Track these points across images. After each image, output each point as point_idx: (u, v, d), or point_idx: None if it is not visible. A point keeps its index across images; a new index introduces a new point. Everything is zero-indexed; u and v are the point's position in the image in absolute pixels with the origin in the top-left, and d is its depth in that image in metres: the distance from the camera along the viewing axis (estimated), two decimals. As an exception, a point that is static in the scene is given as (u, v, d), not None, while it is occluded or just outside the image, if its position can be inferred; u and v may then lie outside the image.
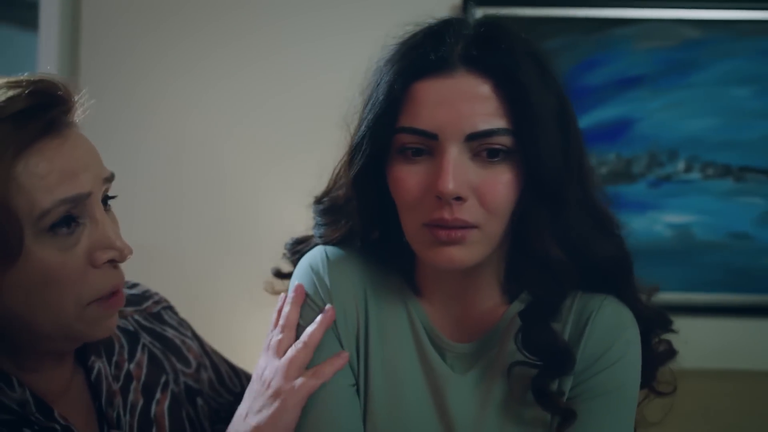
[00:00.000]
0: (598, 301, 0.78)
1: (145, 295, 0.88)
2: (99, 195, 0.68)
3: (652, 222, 1.75)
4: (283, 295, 0.82)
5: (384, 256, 0.80)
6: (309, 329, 0.77)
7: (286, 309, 0.80)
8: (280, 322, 0.80)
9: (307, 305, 0.79)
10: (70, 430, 0.70)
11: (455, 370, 0.78)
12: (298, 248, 0.85)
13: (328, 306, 0.78)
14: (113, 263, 0.69)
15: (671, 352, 0.86)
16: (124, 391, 0.77)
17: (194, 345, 0.88)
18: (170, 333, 0.86)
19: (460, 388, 0.77)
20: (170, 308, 0.90)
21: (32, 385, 0.70)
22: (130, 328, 0.83)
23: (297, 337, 0.77)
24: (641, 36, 1.74)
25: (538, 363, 0.73)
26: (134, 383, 0.79)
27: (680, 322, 0.86)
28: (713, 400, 1.60)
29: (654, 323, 0.83)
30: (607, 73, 1.76)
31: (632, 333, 0.78)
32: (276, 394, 0.74)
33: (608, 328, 0.77)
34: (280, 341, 0.78)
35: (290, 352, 0.76)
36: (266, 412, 0.74)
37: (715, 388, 1.61)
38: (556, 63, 0.78)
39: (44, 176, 0.63)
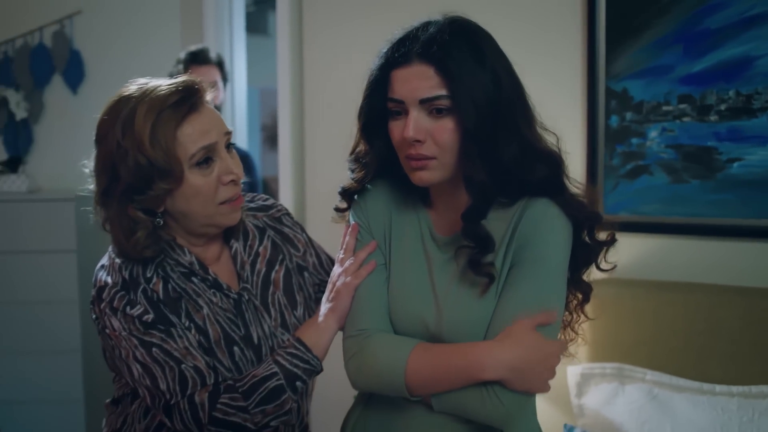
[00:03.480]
0: (533, 201, 1.12)
1: (272, 206, 1.42)
2: (222, 143, 1.22)
3: (772, 154, 1.84)
4: (346, 224, 1.28)
5: (407, 184, 1.22)
6: (359, 253, 1.21)
7: (347, 238, 1.25)
8: (343, 246, 1.25)
9: (360, 231, 1.24)
10: (218, 281, 1.26)
11: (441, 252, 1.19)
12: (345, 191, 1.28)
13: (372, 241, 1.21)
14: (233, 182, 1.22)
15: (612, 240, 1.18)
16: (253, 262, 1.32)
17: (303, 237, 1.41)
18: (286, 230, 1.40)
19: (442, 264, 1.17)
20: (288, 214, 1.42)
21: (197, 253, 1.26)
22: (260, 225, 1.37)
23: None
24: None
25: (471, 245, 1.12)
26: (260, 258, 1.33)
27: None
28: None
29: (584, 218, 1.14)
30: (728, 15, 1.87)
31: (556, 222, 1.11)
32: (337, 290, 1.22)
33: (536, 218, 1.11)
34: (342, 259, 1.24)
35: (346, 264, 1.22)
36: (332, 304, 1.22)
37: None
38: (496, 44, 1.14)
39: (191, 135, 1.18)
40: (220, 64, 2.91)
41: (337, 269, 1.24)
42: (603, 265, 1.19)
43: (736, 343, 1.74)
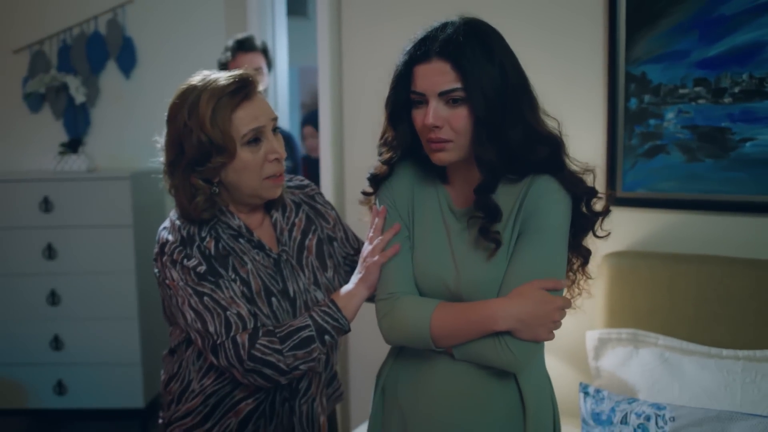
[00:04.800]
0: (537, 178, 1.28)
1: (307, 185, 1.63)
2: (269, 127, 1.42)
3: (781, 134, 1.95)
4: (373, 206, 1.44)
5: (428, 164, 1.39)
6: (386, 234, 1.38)
7: (376, 220, 1.41)
8: (373, 226, 1.42)
9: (388, 212, 1.40)
10: (261, 242, 1.47)
11: (458, 222, 1.35)
12: (374, 177, 1.44)
13: (396, 224, 1.37)
14: (276, 160, 1.42)
15: (607, 211, 1.33)
16: (290, 230, 1.53)
17: (333, 214, 1.61)
18: (318, 206, 1.60)
19: (459, 232, 1.34)
20: (320, 194, 1.63)
21: (243, 219, 1.48)
22: (297, 200, 1.58)
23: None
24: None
25: (482, 215, 1.28)
26: (296, 227, 1.54)
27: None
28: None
29: (581, 192, 1.30)
30: (742, 2, 1.96)
31: (556, 195, 1.27)
32: (367, 266, 1.40)
33: (539, 193, 1.27)
34: (371, 238, 1.41)
35: (375, 242, 1.39)
36: (362, 275, 1.41)
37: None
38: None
39: (243, 119, 1.39)
40: (264, 51, 3.07)
41: (367, 247, 1.42)
42: (599, 233, 1.35)
43: (744, 311, 1.87)
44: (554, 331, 1.25)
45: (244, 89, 1.40)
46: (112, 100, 3.70)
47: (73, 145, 3.52)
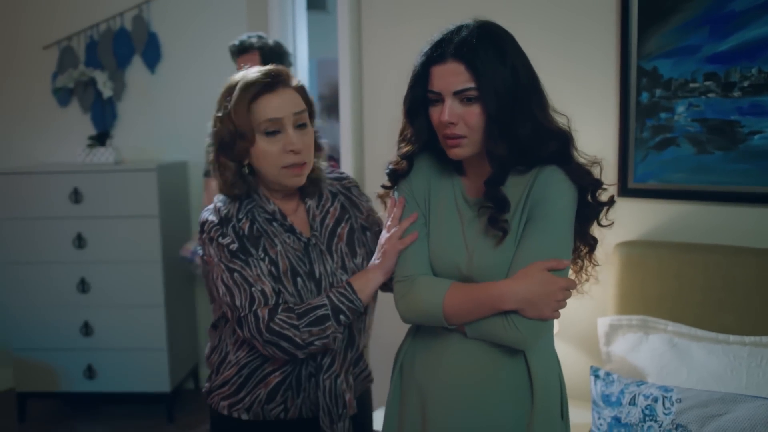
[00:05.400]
0: (544, 169, 1.36)
1: (345, 177, 1.72)
2: (291, 121, 1.52)
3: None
4: (393, 197, 1.52)
5: (443, 157, 1.47)
6: (403, 222, 1.46)
7: (395, 209, 1.49)
8: (390, 216, 1.50)
9: (405, 202, 1.49)
10: (293, 227, 1.57)
11: (471, 211, 1.43)
12: (393, 172, 1.52)
13: (414, 213, 1.46)
14: (293, 152, 1.52)
15: (611, 202, 1.41)
16: (323, 217, 1.61)
17: (367, 206, 1.69)
18: (354, 198, 1.68)
19: (471, 220, 1.41)
20: (357, 186, 1.72)
21: (279, 204, 1.59)
22: (334, 190, 1.67)
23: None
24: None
25: (491, 206, 1.36)
26: (330, 215, 1.62)
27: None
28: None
29: (587, 184, 1.38)
30: (752, -1, 2.03)
31: (562, 185, 1.34)
32: (384, 252, 1.49)
33: (545, 183, 1.35)
34: (389, 227, 1.50)
35: (392, 230, 1.48)
36: (379, 261, 1.50)
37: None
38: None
39: (262, 109, 1.50)
40: (260, 49, 3.08)
41: (384, 234, 1.51)
42: (603, 221, 1.43)
43: (750, 299, 1.94)
44: (566, 316, 1.34)
45: (268, 82, 1.52)
46: (137, 93, 3.81)
47: (100, 138, 3.63)
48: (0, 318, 3.67)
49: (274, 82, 1.52)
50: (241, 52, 3.00)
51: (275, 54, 3.02)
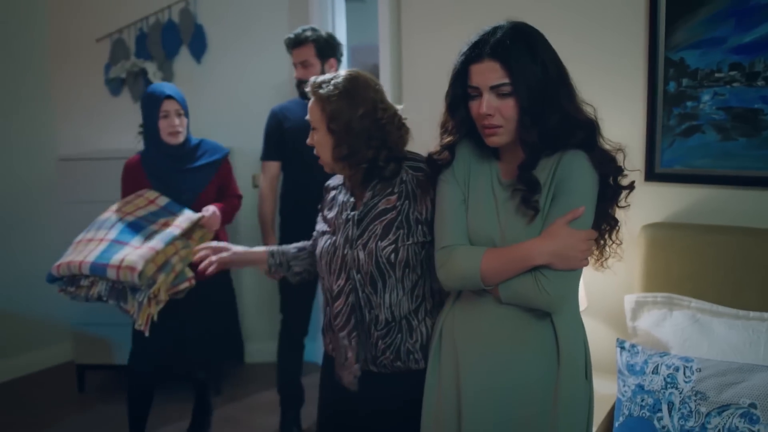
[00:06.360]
0: (567, 152, 1.51)
1: (423, 171, 1.77)
2: (314, 127, 1.77)
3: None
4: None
5: (481, 145, 1.62)
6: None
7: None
8: None
9: (449, 181, 1.64)
10: (351, 202, 1.80)
11: (504, 191, 1.58)
12: (434, 159, 1.66)
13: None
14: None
15: (631, 186, 1.56)
16: (377, 202, 1.76)
17: (429, 202, 1.76)
18: (419, 191, 1.76)
19: (505, 200, 1.57)
20: (426, 182, 1.77)
21: (351, 186, 1.82)
22: (404, 179, 1.76)
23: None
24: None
25: (523, 188, 1.51)
26: (384, 200, 1.75)
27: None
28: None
29: (610, 170, 1.53)
30: (776, -8, 2.13)
31: (584, 166, 1.49)
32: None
33: (569, 163, 1.50)
34: None
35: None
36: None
37: None
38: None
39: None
40: (315, 41, 3.20)
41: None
42: (622, 203, 1.58)
43: (770, 277, 2.06)
44: (595, 293, 1.50)
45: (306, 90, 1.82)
46: (184, 83, 3.96)
47: (151, 126, 3.83)
48: (60, 295, 3.91)
49: (310, 92, 1.81)
50: (296, 45, 3.14)
51: (329, 45, 3.17)
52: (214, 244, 2.10)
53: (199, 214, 2.78)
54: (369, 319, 1.76)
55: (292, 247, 2.06)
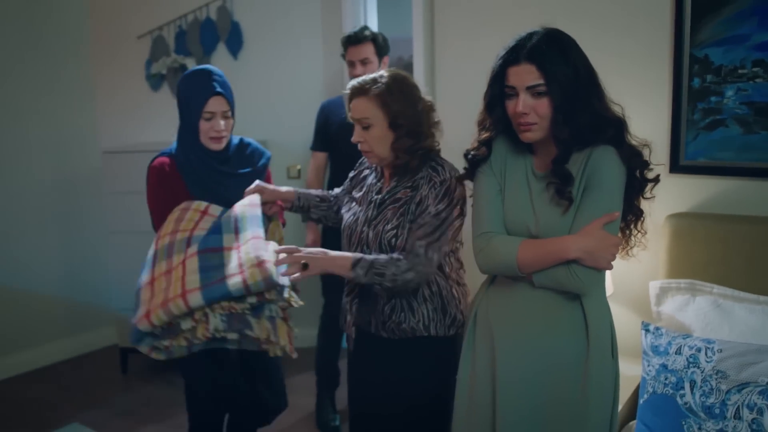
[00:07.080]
0: (597, 147, 1.63)
1: (439, 173, 1.94)
2: (361, 124, 1.96)
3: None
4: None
5: (517, 140, 1.75)
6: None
7: None
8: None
9: (486, 173, 1.78)
10: (377, 185, 2.02)
11: (539, 183, 1.70)
12: (473, 155, 1.80)
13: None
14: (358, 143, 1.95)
15: (657, 179, 1.69)
16: (398, 190, 1.95)
17: (424, 199, 1.95)
18: (422, 189, 1.94)
19: (540, 191, 1.70)
20: (442, 183, 1.93)
21: (386, 175, 2.02)
22: (422, 176, 1.93)
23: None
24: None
25: (557, 181, 1.63)
26: (401, 191, 1.94)
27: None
28: None
29: (637, 164, 1.65)
30: (797, -9, 2.22)
31: (613, 161, 1.62)
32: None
33: (599, 158, 1.62)
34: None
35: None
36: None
37: None
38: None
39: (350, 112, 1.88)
40: (374, 40, 3.29)
41: None
42: (647, 195, 1.71)
43: (789, 265, 2.16)
44: (621, 279, 1.63)
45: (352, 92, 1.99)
46: (221, 78, 4.14)
47: (191, 120, 3.98)
48: (105, 281, 4.12)
49: (354, 93, 1.99)
50: (357, 43, 3.25)
51: (385, 43, 3.30)
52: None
53: (257, 207, 2.15)
54: (376, 290, 1.98)
55: (314, 195, 2.29)
